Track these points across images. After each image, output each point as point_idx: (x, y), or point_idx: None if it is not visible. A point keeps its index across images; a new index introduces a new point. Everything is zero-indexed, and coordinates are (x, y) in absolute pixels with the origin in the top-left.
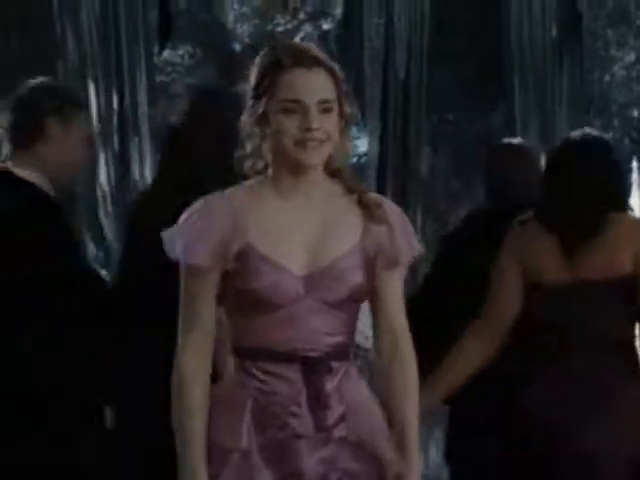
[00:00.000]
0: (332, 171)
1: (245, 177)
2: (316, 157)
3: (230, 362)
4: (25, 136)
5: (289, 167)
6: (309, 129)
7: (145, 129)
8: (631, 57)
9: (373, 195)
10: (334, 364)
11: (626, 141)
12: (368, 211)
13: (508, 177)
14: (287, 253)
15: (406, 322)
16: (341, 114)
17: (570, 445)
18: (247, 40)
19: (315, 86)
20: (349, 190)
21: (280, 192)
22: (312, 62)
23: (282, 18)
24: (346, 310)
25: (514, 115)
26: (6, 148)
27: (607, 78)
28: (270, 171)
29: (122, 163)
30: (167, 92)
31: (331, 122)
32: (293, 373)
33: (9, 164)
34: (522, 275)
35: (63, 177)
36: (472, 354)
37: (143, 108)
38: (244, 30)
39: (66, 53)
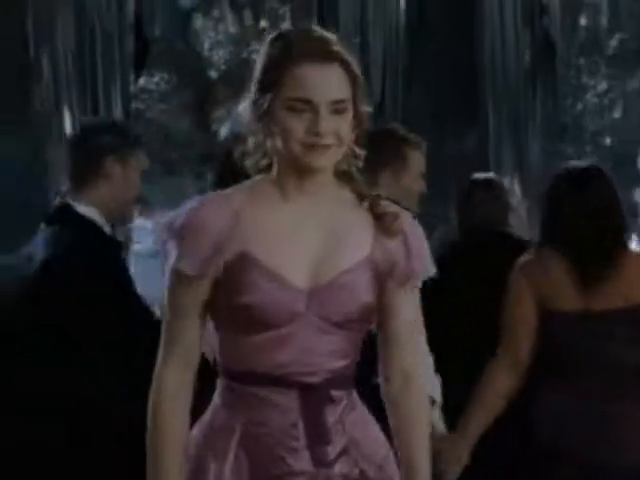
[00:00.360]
0: (341, 173)
1: (248, 176)
2: (324, 160)
3: (218, 383)
4: (83, 173)
5: (295, 168)
6: (318, 133)
7: None
8: (603, 85)
9: (387, 204)
10: (335, 392)
11: None
12: (381, 222)
13: (475, 215)
14: (288, 262)
15: (417, 353)
16: (356, 114)
17: (578, 462)
18: (223, 67)
19: (328, 84)
20: (360, 196)
21: (284, 194)
22: (326, 56)
23: (258, 45)
24: (352, 330)
25: (488, 140)
26: (65, 183)
27: (580, 106)
28: (274, 170)
29: None
30: (143, 118)
31: (344, 124)
32: (289, 401)
33: (69, 200)
34: (536, 303)
35: (117, 213)
36: (501, 388)
37: None
38: (220, 57)
39: (41, 78)
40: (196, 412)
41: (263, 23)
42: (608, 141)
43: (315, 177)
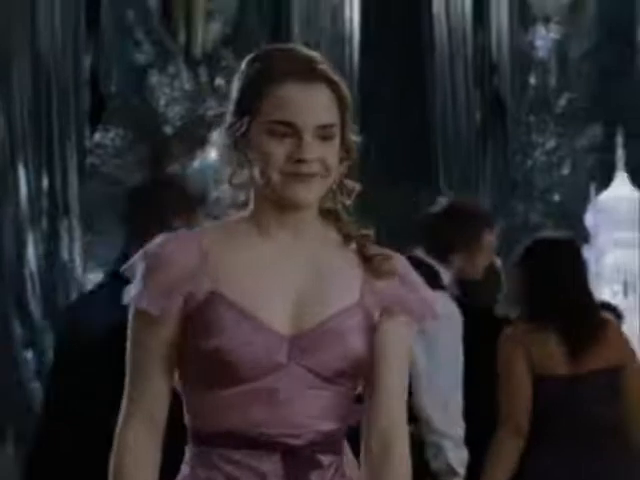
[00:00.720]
0: (326, 212)
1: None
2: (309, 194)
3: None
4: (147, 231)
5: (275, 202)
6: (301, 159)
7: (75, 210)
8: (552, 143)
9: (377, 247)
10: (322, 458)
11: (548, 225)
12: (371, 264)
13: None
14: (266, 303)
15: (404, 414)
16: (343, 141)
17: None
18: (178, 123)
19: (313, 107)
20: (347, 237)
21: (262, 230)
22: (311, 75)
23: (213, 101)
24: (344, 386)
25: (440, 197)
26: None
27: (529, 163)
28: (251, 205)
29: (51, 244)
30: (98, 173)
31: (332, 149)
32: (268, 466)
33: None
34: (528, 369)
35: None
36: (510, 457)
37: (73, 189)
38: (175, 113)
39: None
40: (166, 474)
41: (219, 80)
42: (557, 198)
43: (297, 213)
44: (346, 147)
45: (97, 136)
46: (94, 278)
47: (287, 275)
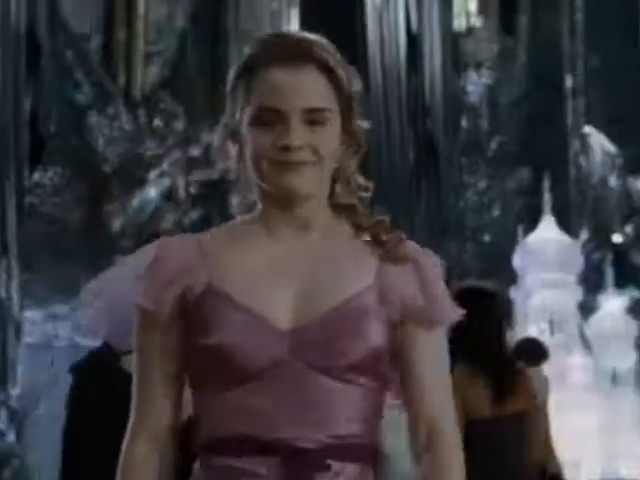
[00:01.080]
0: (341, 207)
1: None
2: (302, 182)
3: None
4: None
5: (276, 196)
6: (287, 146)
7: (13, 249)
8: (483, 184)
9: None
10: (332, 462)
11: (478, 266)
12: (385, 247)
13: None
14: (266, 298)
15: (449, 412)
16: (345, 128)
17: None
18: (117, 163)
19: (300, 90)
20: (358, 227)
21: (269, 228)
22: (300, 57)
23: (151, 142)
24: (361, 385)
25: None
26: None
27: (461, 204)
28: (258, 204)
29: None
30: (36, 212)
31: (325, 136)
32: (271, 470)
33: None
34: (462, 414)
35: None
36: None
37: (12, 229)
38: (114, 153)
39: None
40: None
41: (157, 121)
42: (487, 238)
43: (302, 205)
44: (349, 132)
45: (36, 175)
46: (31, 316)
47: (292, 272)
